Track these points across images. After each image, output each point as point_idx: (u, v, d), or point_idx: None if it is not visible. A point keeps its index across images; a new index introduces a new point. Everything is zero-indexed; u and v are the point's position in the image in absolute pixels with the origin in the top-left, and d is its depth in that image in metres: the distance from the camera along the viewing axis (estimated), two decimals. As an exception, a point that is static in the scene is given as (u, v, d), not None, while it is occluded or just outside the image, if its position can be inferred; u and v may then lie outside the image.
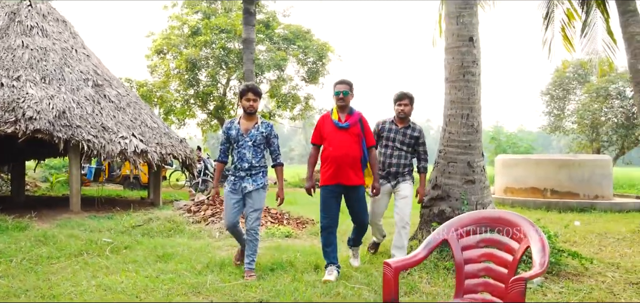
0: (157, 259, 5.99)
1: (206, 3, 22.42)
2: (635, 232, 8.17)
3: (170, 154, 11.10)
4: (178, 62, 21.29)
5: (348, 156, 5.16)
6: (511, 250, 2.91)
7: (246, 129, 5.28)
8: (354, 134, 5.21)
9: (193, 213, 8.90)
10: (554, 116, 25.22)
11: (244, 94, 5.26)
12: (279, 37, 22.80)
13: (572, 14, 9.84)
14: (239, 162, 5.27)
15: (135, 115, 11.10)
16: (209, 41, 21.22)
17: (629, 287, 5.02)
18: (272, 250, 6.54)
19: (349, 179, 5.17)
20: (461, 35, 6.13)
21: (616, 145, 22.17)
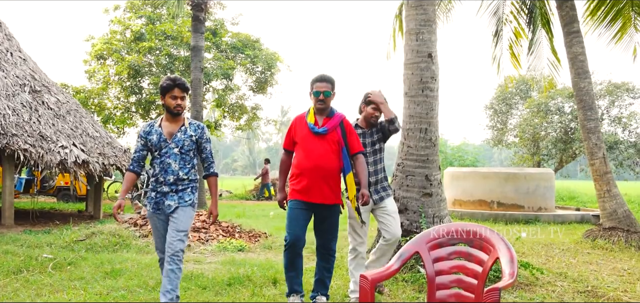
0: (105, 276, 5.70)
1: (151, 8, 21.79)
2: (578, 242, 8.51)
3: (114, 165, 10.63)
4: (119, 68, 20.51)
5: (323, 169, 4.34)
6: (481, 262, 3.01)
7: (170, 132, 4.16)
8: (332, 142, 4.41)
9: (139, 227, 8.53)
10: (497, 130, 26.14)
11: (169, 90, 4.08)
12: (226, 45, 22.45)
13: (520, 32, 10.23)
14: (161, 174, 4.13)
15: (76, 124, 10.56)
16: (153, 47, 20.59)
17: (578, 296, 5.23)
18: (226, 265, 6.38)
19: (324, 196, 4.37)
20: (420, 52, 6.20)
21: (555, 158, 23.21)
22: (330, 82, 4.48)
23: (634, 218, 8.60)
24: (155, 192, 4.16)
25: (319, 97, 4.43)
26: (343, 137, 4.46)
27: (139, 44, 20.63)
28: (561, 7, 8.85)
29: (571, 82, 9.02)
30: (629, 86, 21.55)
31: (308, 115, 4.53)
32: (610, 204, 8.58)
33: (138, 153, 4.28)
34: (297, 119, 4.60)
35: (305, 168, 4.38)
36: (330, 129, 4.43)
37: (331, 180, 4.41)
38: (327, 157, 4.38)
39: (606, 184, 8.62)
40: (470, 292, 2.98)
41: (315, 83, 4.48)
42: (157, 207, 4.16)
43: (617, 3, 9.11)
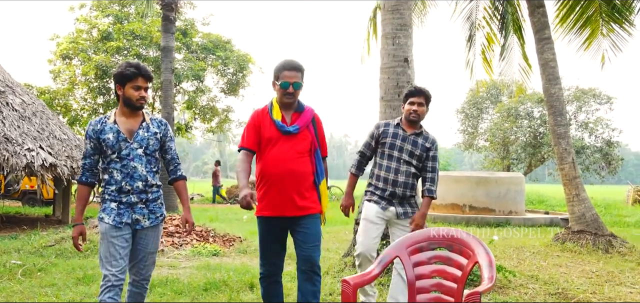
0: (78, 282, 5.58)
1: (118, 6, 21.36)
2: (547, 245, 8.67)
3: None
4: (86, 68, 20.00)
5: (295, 174, 3.61)
6: (460, 266, 3.07)
7: (130, 130, 3.45)
8: (304, 142, 3.70)
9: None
10: (467, 134, 26.55)
11: (131, 78, 3.38)
12: (197, 46, 22.17)
13: (492, 38, 10.38)
14: (126, 181, 3.39)
15: (42, 126, 10.25)
16: (121, 47, 20.17)
17: (549, 297, 5.34)
18: (202, 270, 6.31)
19: (297, 207, 3.64)
20: (397, 56, 6.24)
21: (524, 162, 23.77)
22: (300, 71, 3.69)
23: (601, 221, 8.81)
24: (118, 203, 3.39)
25: (287, 89, 3.63)
26: (315, 135, 3.79)
27: (106, 44, 20.19)
28: (533, 13, 9.03)
29: (542, 87, 9.21)
30: (596, 92, 22.22)
31: (272, 110, 3.71)
32: (578, 208, 8.77)
33: (90, 159, 3.44)
34: (260, 114, 3.76)
35: (273, 176, 3.62)
36: (302, 126, 3.70)
37: (305, 186, 3.68)
38: (300, 161, 3.66)
39: (575, 188, 8.81)
40: (449, 295, 3.04)
41: (282, 71, 3.66)
42: (120, 219, 3.38)
43: (586, 10, 9.35)
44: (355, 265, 4.63)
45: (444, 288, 3.10)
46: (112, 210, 3.37)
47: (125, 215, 3.38)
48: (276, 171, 3.62)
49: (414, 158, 4.24)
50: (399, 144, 4.26)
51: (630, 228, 12.42)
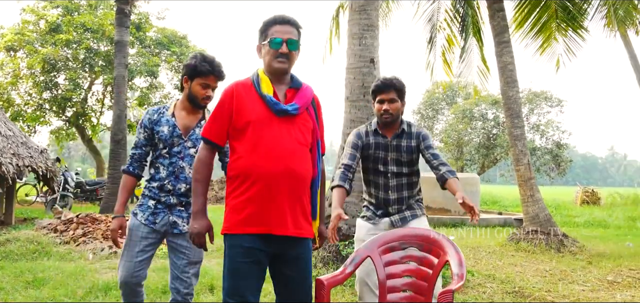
0: (27, 285, 5.33)
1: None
2: (502, 245, 8.89)
3: (29, 166, 9.86)
4: (32, 61, 19.11)
5: (295, 175, 2.53)
6: (431, 265, 3.09)
7: (186, 126, 3.18)
8: (305, 128, 2.64)
9: (60, 233, 7.96)
10: (424, 134, 26.97)
11: (203, 75, 3.11)
12: (151, 41, 21.59)
13: (452, 40, 10.59)
14: (170, 180, 3.14)
15: (-15, 121, 9.69)
16: (71, 40, 19.38)
17: (507, 296, 5.46)
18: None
19: (294, 224, 2.55)
20: (363, 57, 6.23)
21: (477, 163, 24.32)
22: (296, 27, 2.67)
23: (553, 221, 9.12)
24: (156, 201, 3.14)
25: (279, 49, 2.59)
26: (317, 122, 2.75)
27: (55, 36, 19.37)
28: (493, 17, 9.24)
29: (500, 90, 9.44)
30: (547, 95, 22.98)
31: (259, 83, 2.61)
32: (533, 208, 9.03)
33: (140, 150, 3.22)
34: (239, 86, 2.63)
35: (264, 175, 2.48)
36: (303, 106, 2.63)
37: (305, 196, 2.62)
38: (301, 156, 2.59)
39: (530, 189, 9.07)
40: (420, 294, 3.07)
41: (272, 26, 2.64)
42: (153, 220, 3.14)
43: (542, 15, 9.65)
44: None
45: (415, 287, 3.11)
46: (148, 208, 3.15)
47: (160, 216, 3.13)
48: (269, 168, 2.49)
49: (403, 166, 3.55)
50: (382, 156, 3.57)
51: (580, 228, 12.91)
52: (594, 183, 62.45)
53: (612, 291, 5.79)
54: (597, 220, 14.13)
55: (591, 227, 13.10)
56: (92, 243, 7.48)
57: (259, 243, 2.50)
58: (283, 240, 2.52)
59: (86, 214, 8.68)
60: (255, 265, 2.51)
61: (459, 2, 10.37)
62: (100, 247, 7.34)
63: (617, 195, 22.80)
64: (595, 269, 6.99)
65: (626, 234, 11.33)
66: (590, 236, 10.72)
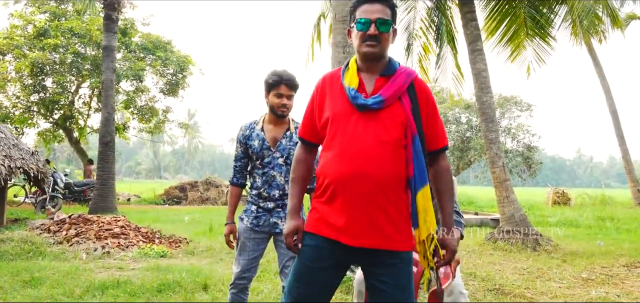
0: (25, 285, 5.47)
1: (55, 2, 20.64)
2: (481, 244, 9.22)
3: (21, 168, 10.06)
4: (20, 65, 19.24)
5: (368, 177, 2.21)
6: (415, 263, 3.16)
7: (274, 138, 3.48)
8: (393, 123, 2.26)
9: (53, 233, 8.20)
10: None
11: (274, 86, 3.39)
12: (137, 46, 21.82)
13: (428, 47, 10.96)
14: (265, 188, 3.46)
15: (-23, 124, 9.87)
16: (59, 44, 19.53)
17: (489, 293, 5.69)
18: (152, 271, 6.33)
19: (376, 235, 2.24)
20: (346, 64, 6.52)
21: (452, 165, 24.75)
22: (390, 7, 2.32)
23: (529, 221, 9.49)
24: (257, 207, 3.49)
25: (367, 31, 2.28)
26: (415, 113, 2.30)
27: (43, 41, 19.49)
28: (467, 26, 9.64)
29: (475, 96, 9.84)
30: (517, 99, 23.53)
31: (346, 73, 2.37)
32: (508, 209, 9.39)
33: (239, 162, 3.60)
34: (327, 79, 2.44)
35: (334, 178, 2.27)
36: (390, 97, 2.27)
37: (392, 200, 2.25)
38: (382, 156, 2.24)
39: (505, 190, 9.44)
40: None
41: (360, 5, 2.34)
42: (257, 223, 3.49)
43: (511, 25, 10.06)
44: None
45: None
46: (252, 213, 3.51)
47: (263, 219, 3.48)
48: (342, 171, 2.24)
49: None
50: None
51: (552, 227, 13.27)
52: (562, 184, 63.47)
53: (587, 288, 6.02)
54: (568, 219, 14.51)
55: (563, 226, 13.48)
56: (85, 244, 7.71)
57: (333, 248, 2.28)
58: (363, 252, 2.26)
59: (79, 215, 8.91)
60: (318, 270, 2.33)
61: (433, 12, 10.77)
62: (93, 247, 7.57)
63: (586, 195, 23.44)
64: (570, 267, 7.23)
65: (597, 233, 11.68)
66: (563, 235, 11.02)
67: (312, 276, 2.33)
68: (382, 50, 2.29)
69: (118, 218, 9.04)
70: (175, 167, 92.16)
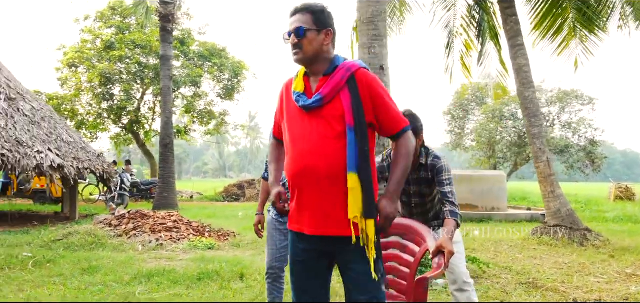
0: (83, 272, 6.05)
1: (119, 18, 22.12)
2: (525, 239, 9.13)
3: (88, 169, 10.98)
4: (91, 76, 20.85)
5: (313, 171, 2.39)
6: (412, 253, 3.26)
7: None
8: (333, 118, 2.40)
9: (114, 227, 8.93)
10: (455, 134, 27.03)
11: None
12: (194, 54, 23.01)
13: (469, 44, 10.85)
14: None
15: (50, 130, 10.90)
16: (123, 56, 20.98)
17: (519, 287, 5.71)
18: (197, 261, 6.76)
19: (325, 223, 2.41)
20: (372, 64, 6.73)
21: (510, 161, 24.31)
22: (310, 12, 2.47)
23: (576, 217, 9.27)
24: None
25: (289, 42, 2.49)
26: (356, 105, 2.39)
27: (109, 53, 21.01)
28: (506, 22, 9.57)
29: (516, 91, 9.73)
30: (578, 93, 22.68)
31: (295, 79, 2.57)
32: (554, 204, 9.24)
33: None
34: (285, 86, 2.64)
35: (292, 177, 2.48)
36: (329, 94, 2.41)
37: (337, 190, 2.39)
38: (321, 151, 2.39)
39: (550, 186, 9.29)
40: (402, 279, 3.27)
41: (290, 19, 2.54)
42: (279, 216, 3.64)
43: (557, 19, 9.84)
44: None
45: (398, 273, 3.31)
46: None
47: None
48: (292, 168, 2.46)
49: (426, 196, 3.66)
50: (405, 188, 3.62)
51: (609, 223, 12.84)
52: (636, 180, 59.24)
53: (628, 283, 5.87)
54: (627, 215, 13.96)
55: (621, 222, 13.02)
56: (141, 236, 8.37)
57: (304, 242, 2.48)
58: (321, 240, 2.43)
59: (136, 210, 9.63)
60: (301, 265, 2.52)
61: (474, 9, 10.66)
62: (148, 239, 8.21)
63: (654, 191, 22.24)
64: (616, 262, 7.07)
65: (658, 229, 11.13)
66: (618, 231, 10.70)
67: (300, 271, 2.53)
68: (306, 55, 2.44)
69: (172, 214, 9.70)
70: (240, 167, 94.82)
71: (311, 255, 2.48)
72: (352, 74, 2.41)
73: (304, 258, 2.50)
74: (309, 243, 2.45)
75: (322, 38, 2.45)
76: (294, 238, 2.52)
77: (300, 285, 2.53)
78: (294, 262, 2.54)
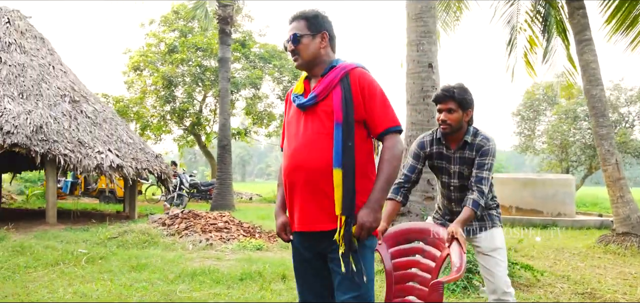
0: (131, 269, 6.21)
1: (183, 22, 22.79)
2: (591, 247, 8.58)
3: (146, 169, 11.32)
4: (155, 79, 21.59)
5: (304, 167, 2.43)
6: (433, 258, 3.18)
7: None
8: (325, 115, 2.45)
9: (167, 226, 9.13)
10: (524, 136, 25.91)
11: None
12: (255, 55, 23.30)
13: (534, 40, 10.34)
14: None
15: (111, 131, 11.33)
16: (185, 59, 21.59)
17: (575, 297, 5.36)
18: (242, 262, 6.78)
19: (311, 218, 2.45)
20: (421, 62, 6.55)
21: (584, 165, 23.02)
22: (303, 19, 2.54)
23: (650, 224, 8.62)
24: None
25: (288, 50, 2.58)
26: (345, 103, 2.41)
27: (172, 56, 21.66)
28: (573, 15, 9.02)
29: (583, 89, 9.15)
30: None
31: (296, 84, 2.64)
32: (623, 210, 8.64)
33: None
34: (289, 94, 2.70)
35: (286, 176, 2.55)
36: (322, 92, 2.46)
37: (326, 185, 2.41)
38: (312, 147, 2.43)
39: (619, 190, 8.69)
40: (424, 285, 3.17)
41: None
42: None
43: (631, 10, 9.17)
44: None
45: (418, 278, 3.21)
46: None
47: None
48: (287, 165, 2.53)
49: (467, 179, 3.39)
50: (445, 166, 3.47)
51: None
52: None
53: None
54: None
55: None
56: (193, 236, 8.50)
57: (300, 241, 2.56)
58: (312, 235, 2.48)
59: (189, 210, 9.82)
60: (299, 264, 2.60)
61: (539, 3, 10.12)
62: (199, 239, 8.33)
63: None
64: None
65: None
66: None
67: (299, 269, 2.63)
68: (304, 59, 2.54)
69: (223, 214, 9.82)
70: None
71: (306, 252, 2.55)
72: (347, 72, 2.49)
73: (301, 256, 2.58)
74: (302, 240, 2.54)
75: (318, 42, 2.53)
76: (294, 237, 2.58)
77: (301, 283, 2.62)
78: (294, 260, 2.62)
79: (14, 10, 11.97)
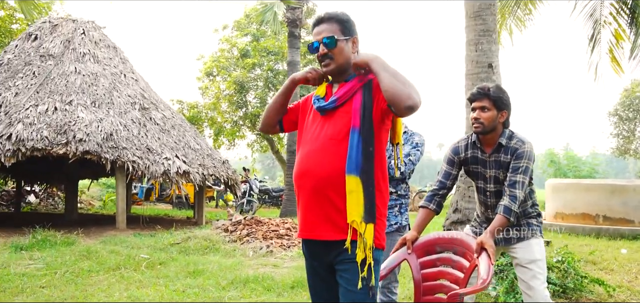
0: (188, 275, 6.29)
1: (255, 26, 23.16)
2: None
3: (212, 175, 11.53)
4: (228, 84, 21.99)
5: (313, 173, 2.34)
6: (462, 268, 3.13)
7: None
8: (342, 120, 2.37)
9: (229, 232, 9.22)
10: (622, 138, 24.08)
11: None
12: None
13: (621, 35, 9.48)
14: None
15: (179, 137, 11.63)
16: (257, 63, 21.83)
17: None
18: (298, 270, 6.68)
19: (320, 228, 2.35)
20: (480, 62, 6.18)
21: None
22: (336, 21, 2.42)
23: None
24: None
25: (317, 52, 2.44)
26: (365, 108, 2.33)
27: (244, 61, 21.99)
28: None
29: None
30: None
31: (319, 87, 2.53)
32: None
33: None
34: (308, 96, 2.60)
35: (295, 180, 2.46)
36: (343, 95, 2.38)
37: (336, 192, 2.31)
38: (324, 153, 2.34)
39: None
40: (453, 297, 3.12)
41: (312, 30, 2.50)
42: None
43: None
44: None
45: (446, 289, 3.17)
46: None
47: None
48: (297, 173, 2.43)
49: (503, 184, 3.25)
50: (480, 171, 3.36)
51: None
52: None
53: None
54: None
55: None
56: (253, 242, 8.52)
57: (305, 248, 2.50)
58: (320, 245, 2.38)
59: (252, 217, 9.88)
60: (310, 274, 2.53)
61: (626, -7, 9.24)
62: (260, 245, 8.32)
63: None
64: None
65: None
66: None
67: (309, 276, 2.56)
68: (338, 64, 2.43)
69: (286, 221, 9.79)
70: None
71: (314, 260, 2.48)
72: (370, 78, 2.38)
73: (310, 263, 2.52)
74: (309, 248, 2.48)
75: (351, 46, 2.45)
76: (303, 245, 2.53)
77: (312, 290, 2.55)
78: (307, 264, 2.55)
79: (89, 21, 12.58)
